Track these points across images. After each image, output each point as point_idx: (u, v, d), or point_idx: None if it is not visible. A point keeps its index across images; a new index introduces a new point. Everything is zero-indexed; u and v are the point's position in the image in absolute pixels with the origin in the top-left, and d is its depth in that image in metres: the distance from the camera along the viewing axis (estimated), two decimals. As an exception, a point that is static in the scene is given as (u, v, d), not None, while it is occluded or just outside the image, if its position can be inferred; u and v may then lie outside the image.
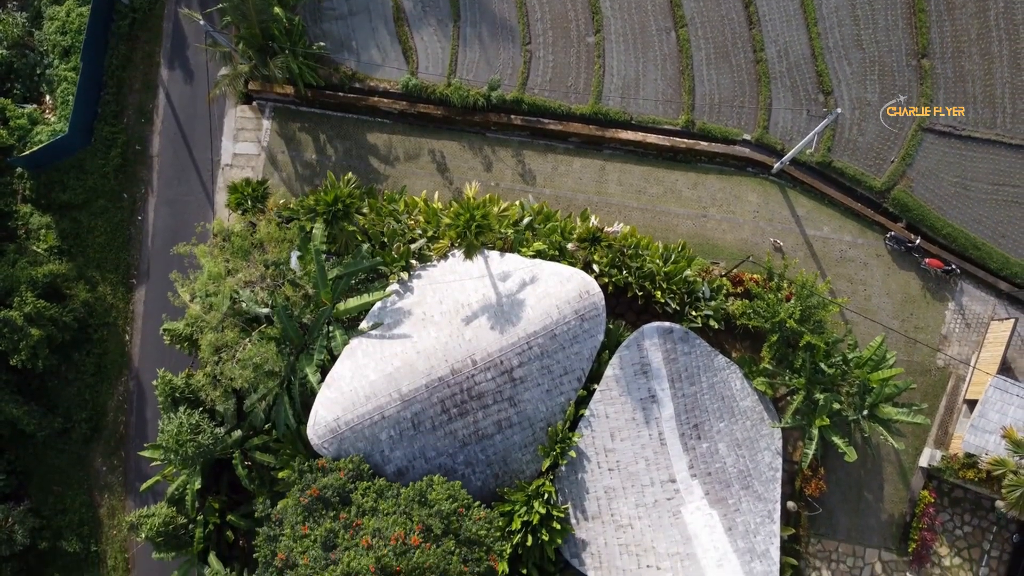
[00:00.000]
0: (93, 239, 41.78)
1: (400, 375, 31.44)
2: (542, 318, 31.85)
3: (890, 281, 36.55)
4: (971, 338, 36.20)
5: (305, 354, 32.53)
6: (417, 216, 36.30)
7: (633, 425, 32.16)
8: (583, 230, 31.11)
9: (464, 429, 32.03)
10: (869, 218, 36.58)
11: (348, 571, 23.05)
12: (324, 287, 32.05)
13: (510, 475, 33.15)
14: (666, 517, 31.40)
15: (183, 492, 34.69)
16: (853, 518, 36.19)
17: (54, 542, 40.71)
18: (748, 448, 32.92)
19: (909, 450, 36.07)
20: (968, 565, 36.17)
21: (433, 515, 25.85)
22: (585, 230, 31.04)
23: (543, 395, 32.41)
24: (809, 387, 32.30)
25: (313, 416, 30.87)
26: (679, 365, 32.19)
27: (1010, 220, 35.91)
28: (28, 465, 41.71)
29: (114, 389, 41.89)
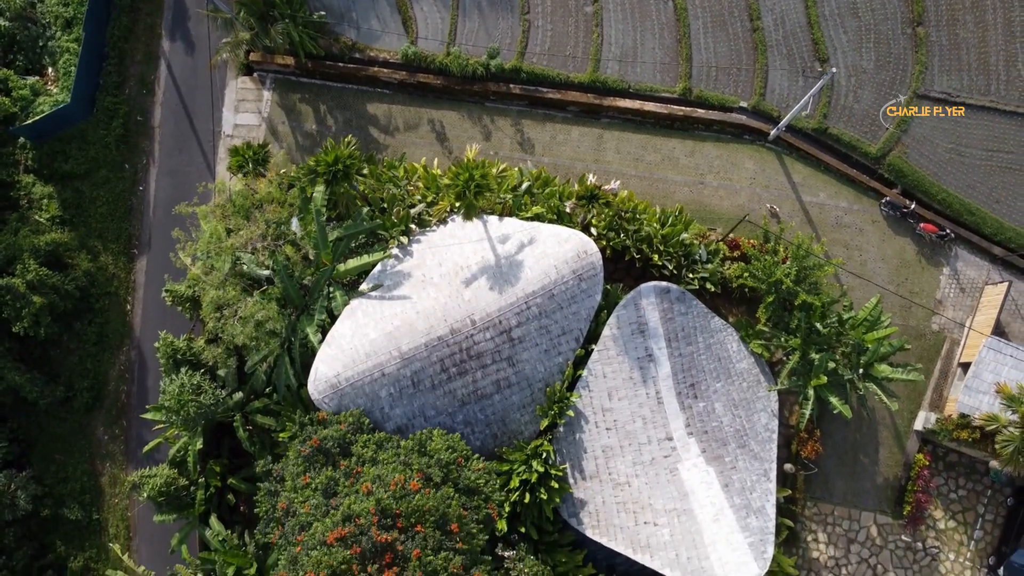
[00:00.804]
0: (95, 209, 42.08)
1: (400, 334, 31.75)
2: (540, 278, 32.17)
3: (885, 247, 36.89)
4: (965, 303, 36.55)
5: (306, 315, 32.84)
6: (417, 182, 36.61)
7: (630, 384, 32.48)
8: (581, 188, 31.42)
9: (463, 388, 32.33)
10: (864, 184, 36.94)
11: (349, 514, 23.34)
12: (324, 248, 32.35)
13: (508, 435, 33.45)
14: (663, 474, 31.71)
15: (184, 454, 34.97)
16: (849, 482, 36.51)
17: (56, 510, 40.98)
18: (744, 409, 33.24)
19: (904, 413, 36.41)
20: (963, 528, 36.49)
21: (432, 464, 26.16)
22: (583, 188, 31.36)
23: (541, 355, 32.72)
24: (805, 347, 32.64)
25: (314, 372, 31.18)
26: (676, 325, 32.51)
27: (1004, 186, 36.26)
28: (30, 434, 41.99)
29: (115, 358, 42.18)
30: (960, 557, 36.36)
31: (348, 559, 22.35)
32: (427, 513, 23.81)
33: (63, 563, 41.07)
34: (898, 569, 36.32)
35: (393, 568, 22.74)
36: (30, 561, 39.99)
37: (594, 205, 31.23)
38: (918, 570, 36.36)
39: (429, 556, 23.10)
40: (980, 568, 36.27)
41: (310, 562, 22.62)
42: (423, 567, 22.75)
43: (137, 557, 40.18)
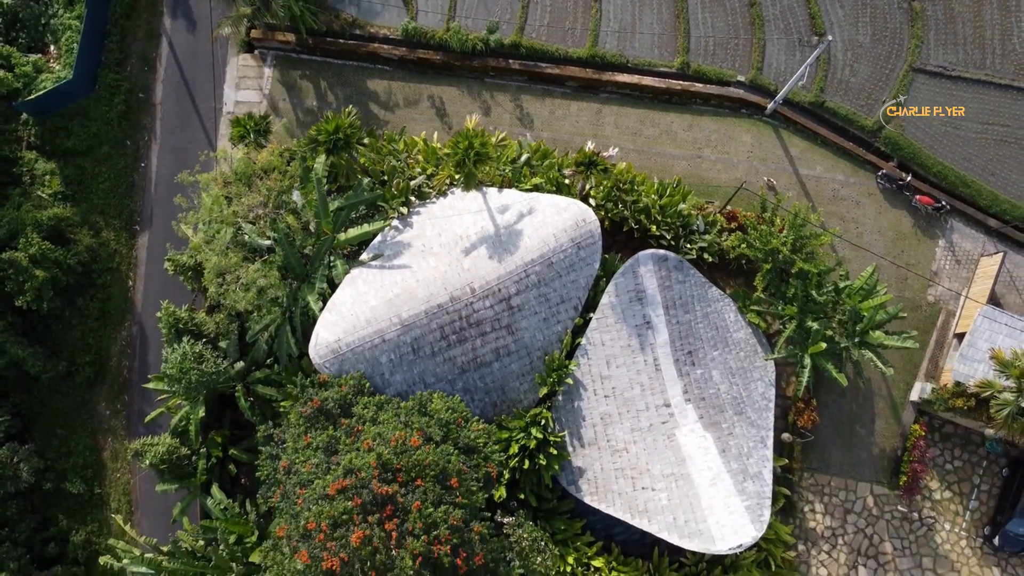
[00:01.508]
0: (97, 185, 42.36)
1: (400, 301, 32.04)
2: (539, 246, 32.47)
3: (881, 219, 37.20)
4: (961, 274, 36.84)
5: (307, 283, 33.14)
6: (416, 155, 36.91)
7: (628, 352, 32.77)
8: (579, 155, 31.71)
9: (463, 356, 32.62)
10: (861, 157, 37.25)
11: (350, 468, 23.61)
12: (325, 217, 32.64)
13: (508, 404, 33.73)
14: (661, 440, 32.00)
15: (186, 424, 35.23)
16: (845, 452, 36.80)
17: (58, 484, 41.26)
18: (741, 377, 33.53)
19: (900, 385, 36.71)
20: (958, 499, 36.79)
21: (432, 424, 26.44)
22: (581, 155, 31.65)
23: (540, 323, 33.02)
24: (801, 316, 32.93)
25: (314, 338, 31.47)
26: (673, 292, 32.79)
27: (999, 158, 36.57)
28: (32, 408, 42.27)
29: (117, 334, 42.45)
30: (955, 527, 36.66)
31: (349, 510, 22.63)
32: (427, 467, 24.09)
33: (65, 536, 41.34)
34: (894, 539, 36.61)
35: (394, 520, 23.02)
36: (32, 533, 40.25)
37: (592, 172, 31.50)
38: (914, 540, 36.65)
39: (429, 509, 23.39)
40: (975, 538, 36.57)
41: (311, 514, 22.91)
42: (423, 519, 23.03)
43: (139, 530, 40.42)
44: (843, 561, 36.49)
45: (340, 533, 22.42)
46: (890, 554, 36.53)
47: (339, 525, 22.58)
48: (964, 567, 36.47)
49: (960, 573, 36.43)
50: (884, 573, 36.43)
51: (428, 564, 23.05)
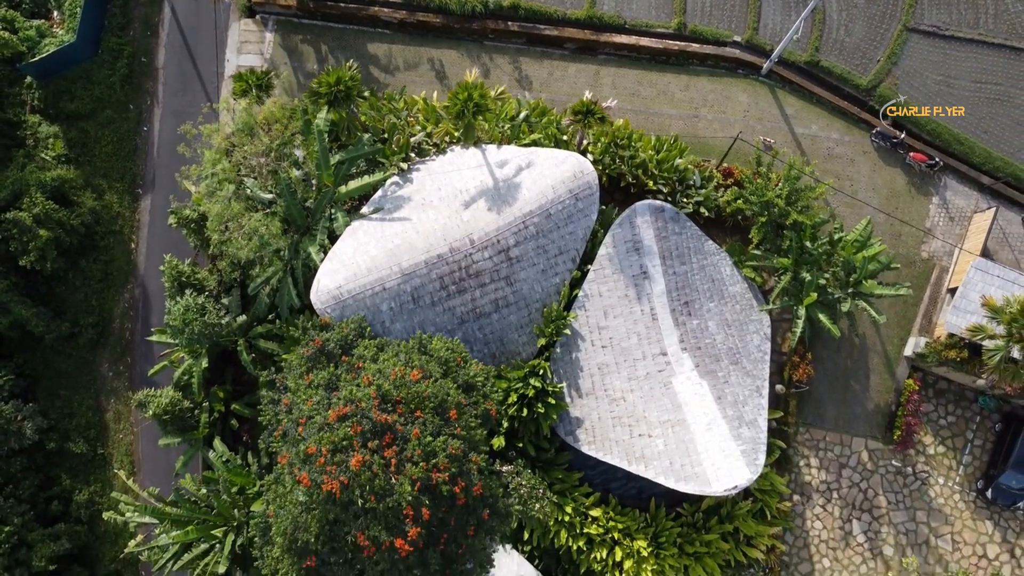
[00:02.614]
0: (100, 149, 42.76)
1: (400, 252, 32.45)
2: (538, 198, 32.88)
3: (876, 177, 37.63)
4: (954, 231, 37.28)
5: (308, 235, 33.55)
6: (416, 114, 37.32)
7: (626, 302, 33.19)
8: (578, 104, 32.13)
9: (462, 307, 33.03)
10: (855, 116, 37.68)
11: (350, 399, 24.03)
12: (326, 169, 33.05)
13: (507, 355, 34.15)
14: (657, 388, 32.42)
15: (189, 376, 35.62)
16: (840, 408, 37.23)
17: (61, 443, 41.67)
18: (737, 329, 33.95)
19: (894, 340, 37.15)
20: (952, 453, 37.22)
21: (432, 362, 26.85)
22: (580, 104, 32.06)
23: (539, 275, 33.43)
24: (796, 268, 33.36)
25: (316, 284, 31.88)
26: (670, 243, 33.21)
27: (992, 116, 37.00)
28: (36, 369, 42.69)
29: (120, 296, 42.87)
30: (949, 481, 37.09)
31: (349, 436, 23.04)
32: (426, 399, 24.49)
33: (68, 496, 41.76)
34: (888, 493, 37.05)
35: (393, 447, 23.43)
36: (36, 491, 40.66)
37: (591, 120, 31.91)
38: (908, 494, 37.09)
39: (428, 438, 23.79)
40: (969, 492, 37.01)
41: (313, 440, 23.33)
42: (422, 446, 23.44)
43: (141, 487, 40.83)
44: (838, 515, 36.92)
45: (340, 458, 22.82)
46: (884, 508, 36.96)
47: (339, 451, 22.99)
48: (957, 520, 36.91)
49: (953, 526, 36.86)
50: (878, 526, 36.87)
51: (426, 491, 23.45)
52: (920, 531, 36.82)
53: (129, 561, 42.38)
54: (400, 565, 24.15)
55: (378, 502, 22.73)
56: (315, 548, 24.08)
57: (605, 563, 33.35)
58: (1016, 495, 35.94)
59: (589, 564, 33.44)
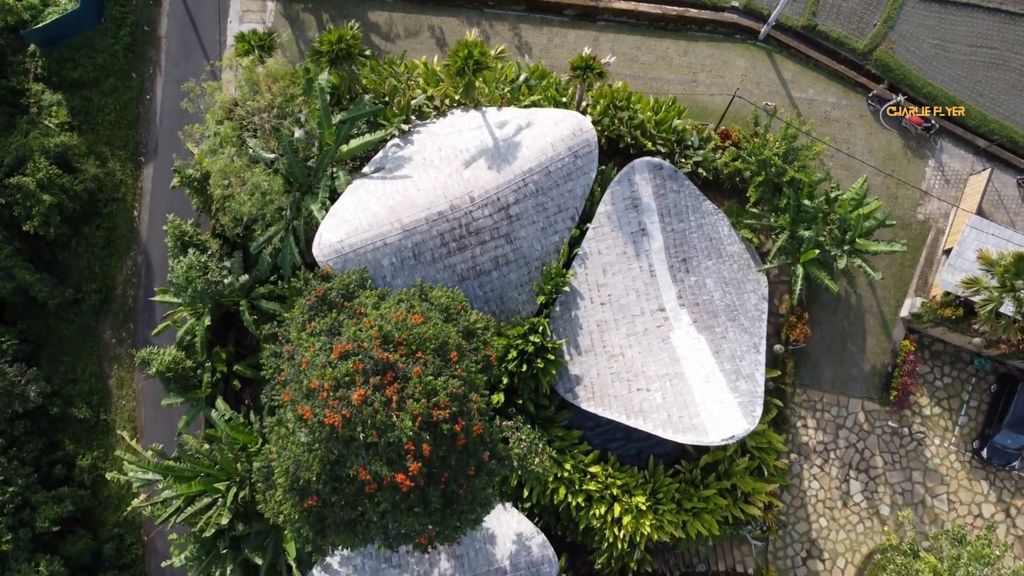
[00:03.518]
0: (103, 117, 43.09)
1: (401, 208, 32.78)
2: (537, 156, 33.21)
3: (872, 140, 37.96)
4: (950, 193, 37.61)
5: (310, 194, 33.89)
6: (417, 78, 37.66)
7: (624, 259, 33.52)
8: (576, 59, 32.46)
9: (463, 264, 33.37)
10: (852, 80, 38.03)
11: (352, 338, 24.36)
12: (328, 127, 33.38)
13: (506, 314, 34.49)
14: (656, 343, 32.75)
15: (192, 336, 35.93)
16: (837, 369, 37.57)
17: (65, 409, 42.01)
18: (735, 287, 34.28)
19: (891, 302, 37.49)
20: (948, 414, 37.56)
21: (433, 309, 27.16)
22: (578, 59, 32.38)
23: (538, 233, 33.77)
24: (793, 226, 33.70)
25: (318, 238, 32.21)
26: (668, 201, 33.54)
27: (987, 80, 37.35)
28: (39, 335, 43.03)
29: (122, 263, 43.21)
30: (945, 442, 37.44)
31: (351, 372, 23.36)
32: (427, 340, 24.80)
33: (71, 460, 42.11)
34: (885, 453, 37.39)
35: (394, 385, 23.75)
36: (39, 455, 41.00)
37: (590, 76, 32.22)
38: (904, 454, 37.43)
39: (429, 377, 24.11)
40: (964, 452, 37.36)
41: (315, 375, 23.66)
42: (423, 384, 23.76)
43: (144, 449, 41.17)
44: (835, 475, 37.27)
45: (342, 393, 23.14)
46: (881, 468, 37.31)
47: (341, 386, 23.30)
48: (953, 480, 37.25)
49: (949, 486, 37.21)
50: (875, 486, 37.21)
51: (427, 427, 23.77)
52: (916, 491, 37.16)
53: (132, 525, 42.83)
54: (401, 504, 24.47)
55: (379, 437, 23.06)
56: (317, 487, 24.40)
57: (604, 519, 33.67)
58: (1011, 454, 36.30)
59: (588, 520, 33.76)
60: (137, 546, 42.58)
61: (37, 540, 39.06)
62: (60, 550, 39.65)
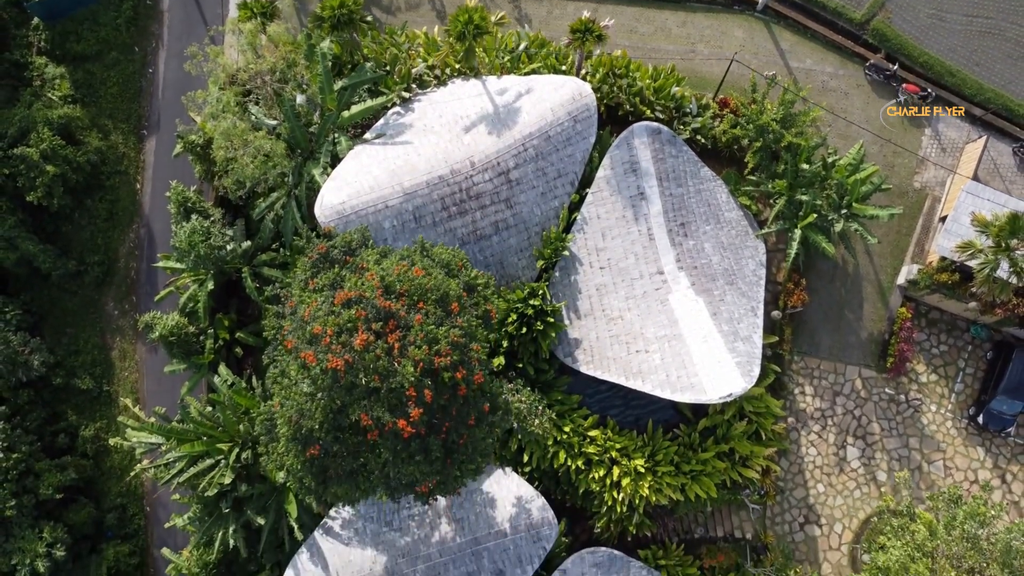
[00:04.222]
0: (105, 90, 43.45)
1: (402, 172, 33.08)
2: (537, 120, 33.52)
3: (869, 109, 38.28)
4: (947, 162, 37.93)
5: (311, 159, 34.19)
6: (418, 47, 37.98)
7: (623, 223, 33.82)
8: (575, 23, 32.76)
9: (463, 228, 33.66)
10: (849, 50, 38.34)
11: (355, 287, 24.63)
12: (329, 92, 33.67)
13: (506, 279, 34.78)
14: (655, 305, 33.03)
15: (195, 302, 36.22)
16: (834, 336, 37.86)
17: (68, 380, 42.30)
18: (733, 252, 34.58)
19: (887, 270, 37.79)
20: (944, 382, 37.85)
21: (435, 264, 27.44)
22: (578, 22, 32.68)
23: (538, 198, 34.07)
24: (791, 191, 34.01)
25: (320, 200, 32.51)
26: (667, 166, 33.83)
27: (983, 49, 37.67)
28: (42, 307, 43.33)
29: (125, 236, 43.54)
30: (941, 409, 37.72)
31: (353, 319, 23.64)
32: (428, 291, 25.08)
33: (75, 431, 42.39)
34: (882, 420, 37.67)
35: (396, 332, 24.05)
36: (42, 424, 41.28)
37: (589, 39, 32.51)
38: (901, 421, 37.72)
39: (430, 325, 24.40)
40: (961, 419, 37.64)
41: (318, 322, 23.96)
42: (424, 332, 24.03)
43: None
44: (832, 441, 37.55)
45: (344, 339, 23.43)
46: (878, 434, 37.59)
47: (344, 332, 23.59)
48: (949, 447, 37.54)
49: (945, 452, 37.50)
50: (872, 452, 37.50)
51: (428, 375, 24.05)
52: (913, 457, 37.45)
53: (135, 495, 43.13)
54: (403, 452, 24.75)
55: (382, 382, 23.33)
56: (319, 436, 24.67)
57: (603, 482, 33.96)
58: (1007, 420, 36.59)
59: (587, 484, 34.02)
60: (140, 516, 42.88)
61: (40, 507, 39.36)
62: (63, 518, 39.94)
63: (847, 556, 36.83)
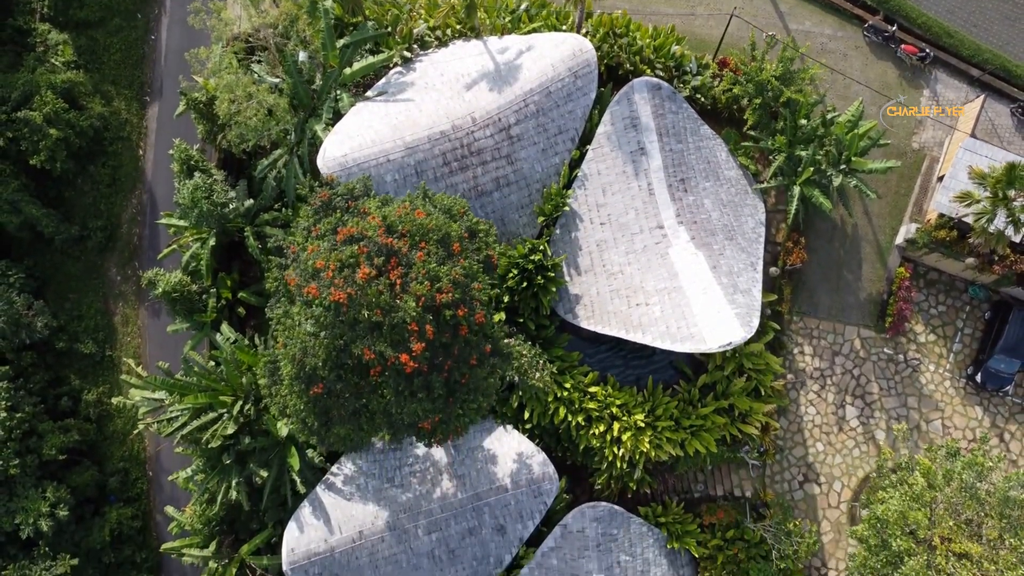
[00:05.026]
0: (108, 56, 43.72)
1: (404, 127, 33.31)
2: (538, 76, 33.74)
3: (868, 71, 38.51)
4: (944, 122, 38.13)
5: (314, 115, 34.42)
6: (419, 9, 38.21)
7: (624, 178, 34.05)
8: (576, -24, 33.10)
9: (464, 184, 33.88)
10: (848, 11, 38.57)
11: (357, 228, 24.87)
12: (332, 49, 33.90)
13: (507, 236, 34.99)
14: (655, 259, 33.24)
15: (197, 261, 36.42)
16: (833, 297, 38.07)
17: (71, 344, 42.56)
18: (732, 210, 34.81)
19: (886, 230, 38.01)
20: (942, 342, 38.06)
21: (436, 210, 27.66)
22: (578, -25, 33.00)
23: (539, 154, 34.29)
24: (790, 148, 34.23)
25: (322, 152, 32.73)
26: (667, 121, 34.05)
27: (981, 10, 37.91)
28: (45, 272, 43.61)
29: (128, 202, 43.78)
30: (940, 368, 37.93)
31: (355, 254, 23.87)
32: (430, 232, 25.31)
33: (77, 395, 42.60)
34: (880, 379, 37.88)
35: (398, 269, 24.27)
36: (46, 386, 41.50)
37: (588, -8, 32.79)
38: (899, 381, 37.92)
39: (432, 263, 24.63)
40: (959, 378, 37.84)
41: (320, 256, 24.17)
42: (427, 270, 24.26)
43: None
44: (831, 400, 37.75)
45: (347, 273, 23.66)
46: (876, 394, 37.79)
47: (346, 267, 23.83)
48: (948, 406, 37.74)
49: (944, 412, 37.70)
50: (871, 412, 37.70)
51: (430, 311, 24.27)
52: (911, 416, 37.65)
53: (137, 460, 43.36)
54: (405, 390, 24.98)
55: (384, 316, 23.55)
56: (322, 374, 24.89)
57: (603, 438, 34.13)
58: (1004, 379, 36.79)
59: (588, 440, 34.21)
60: (142, 481, 43.14)
61: (44, 468, 39.59)
62: (66, 480, 40.16)
63: (846, 514, 37.04)
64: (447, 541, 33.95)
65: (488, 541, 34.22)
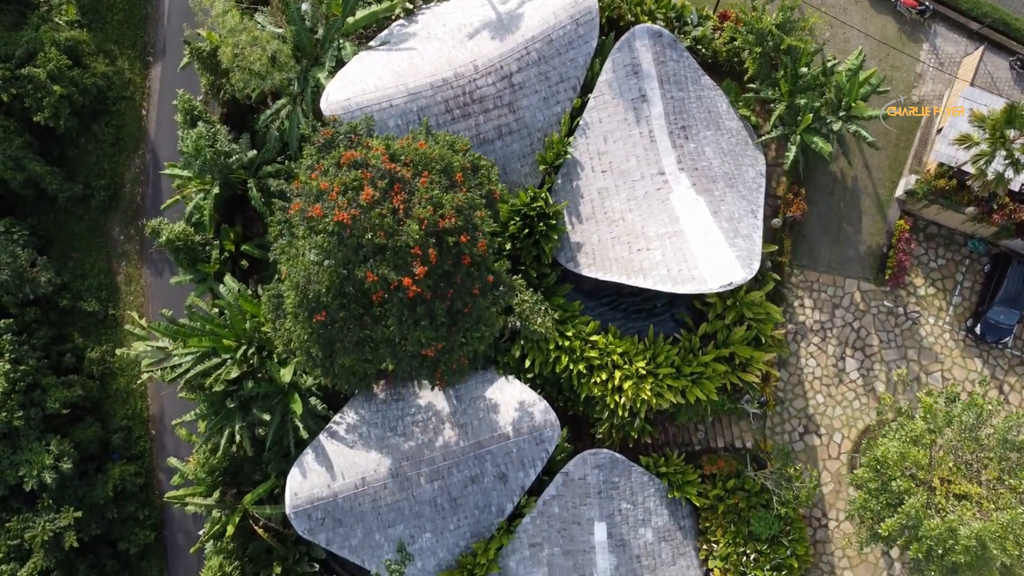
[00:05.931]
0: (112, 16, 43.92)
1: (407, 74, 33.53)
2: (539, 24, 33.95)
3: (867, 25, 38.70)
4: (944, 76, 38.33)
5: (317, 64, 34.62)
6: (422, -35, 38.43)
7: (625, 126, 34.24)
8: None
9: (467, 131, 34.05)
10: (848, -34, 38.79)
11: (361, 155, 25.07)
12: (334, -2, 34.16)
13: (509, 185, 35.10)
14: (656, 205, 33.44)
15: (200, 212, 36.61)
16: (833, 250, 38.25)
17: (74, 303, 42.72)
18: (733, 159, 35.00)
19: (886, 183, 38.20)
20: (942, 295, 38.24)
21: (439, 143, 27.84)
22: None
23: (540, 103, 34.49)
24: (791, 96, 34.42)
25: (325, 96, 32.93)
26: (668, 69, 34.24)
27: (980, -36, 38.10)
28: (49, 230, 43.79)
29: (131, 161, 43.98)
30: (939, 321, 38.11)
31: (359, 178, 24.07)
32: (433, 161, 25.51)
33: (81, 353, 42.76)
34: (880, 332, 38.05)
35: (401, 194, 24.46)
36: (49, 343, 41.66)
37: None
38: (899, 333, 38.09)
39: (434, 190, 24.83)
40: (958, 331, 38.03)
41: (324, 178, 24.35)
42: (430, 196, 24.45)
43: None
44: (831, 353, 37.92)
45: (351, 196, 23.85)
46: (876, 347, 37.96)
47: (350, 190, 24.02)
48: (947, 358, 37.92)
49: (943, 364, 37.88)
50: (871, 364, 37.87)
51: (433, 236, 24.45)
52: (911, 368, 37.82)
53: (140, 418, 43.52)
54: (408, 318, 25.16)
55: (387, 239, 23.73)
56: (326, 301, 25.08)
57: (605, 386, 34.27)
58: (1004, 330, 36.98)
59: (589, 389, 34.35)
60: (145, 439, 43.32)
61: (47, 422, 39.73)
62: (70, 435, 40.31)
63: (846, 465, 37.20)
64: (449, 489, 34.08)
65: (490, 489, 34.36)
